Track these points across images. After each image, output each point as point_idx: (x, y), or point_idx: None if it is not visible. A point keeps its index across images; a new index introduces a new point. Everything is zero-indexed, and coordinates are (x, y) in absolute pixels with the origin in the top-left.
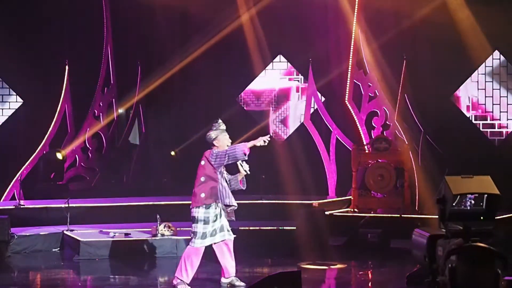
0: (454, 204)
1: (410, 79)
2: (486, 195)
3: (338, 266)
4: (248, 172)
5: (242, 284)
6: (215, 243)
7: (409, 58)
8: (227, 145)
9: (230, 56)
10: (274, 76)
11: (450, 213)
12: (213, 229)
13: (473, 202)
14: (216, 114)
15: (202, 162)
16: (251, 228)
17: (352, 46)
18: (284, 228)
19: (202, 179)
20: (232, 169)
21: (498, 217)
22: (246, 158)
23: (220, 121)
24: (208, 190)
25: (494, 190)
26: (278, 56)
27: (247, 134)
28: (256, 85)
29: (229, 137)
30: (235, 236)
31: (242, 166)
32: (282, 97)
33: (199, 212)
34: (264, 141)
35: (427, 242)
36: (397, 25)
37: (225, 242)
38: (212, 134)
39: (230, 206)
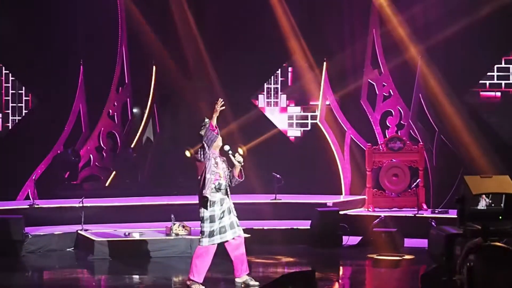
0: (473, 204)
1: (425, 78)
2: (504, 195)
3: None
4: (242, 163)
5: (256, 283)
6: (226, 241)
7: (424, 57)
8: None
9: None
10: None
11: (469, 213)
12: (221, 226)
13: (490, 201)
14: (231, 114)
15: (196, 163)
16: (265, 227)
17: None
18: (299, 228)
19: (199, 177)
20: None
21: None
22: (218, 135)
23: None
24: (207, 185)
25: None
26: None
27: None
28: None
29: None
30: (249, 235)
31: (234, 158)
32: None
33: (204, 212)
34: (220, 106)
35: (445, 241)
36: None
37: (236, 240)
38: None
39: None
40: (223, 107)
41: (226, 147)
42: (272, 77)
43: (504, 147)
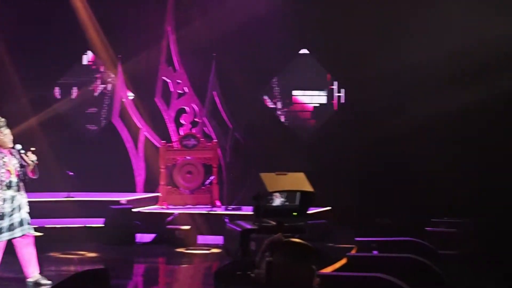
0: (269, 200)
1: (220, 77)
2: (299, 192)
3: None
4: (36, 161)
5: (48, 282)
6: (14, 238)
7: (219, 56)
8: (7, 140)
9: None
10: None
11: (264, 209)
12: (11, 223)
13: (285, 199)
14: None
15: None
16: (58, 226)
17: (161, 44)
18: (92, 225)
19: None
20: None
21: (310, 212)
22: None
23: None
24: None
25: (307, 187)
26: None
27: None
28: None
29: None
30: (41, 234)
31: (27, 156)
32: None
33: None
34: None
35: (240, 237)
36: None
37: (25, 238)
38: None
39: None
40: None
41: (18, 146)
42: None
43: (301, 146)
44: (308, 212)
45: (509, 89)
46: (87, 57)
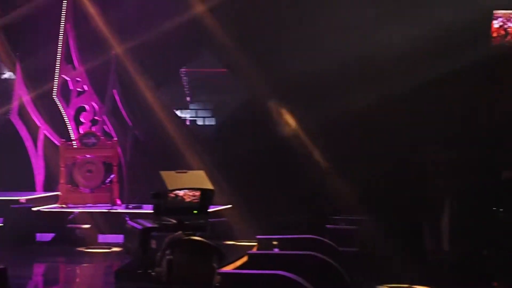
0: (169, 198)
1: (120, 75)
2: (199, 190)
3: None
4: None
5: None
6: None
7: (118, 54)
8: None
9: None
10: None
11: (165, 207)
12: None
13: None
14: None
15: None
16: None
17: (60, 41)
18: None
19: None
20: None
21: (210, 210)
22: None
23: None
24: None
25: (207, 185)
26: None
27: None
28: None
29: None
30: None
31: None
32: None
33: None
34: None
35: (140, 235)
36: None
37: None
38: None
39: None
40: None
41: None
42: None
43: (201, 144)
44: (208, 210)
45: (404, 90)
46: None
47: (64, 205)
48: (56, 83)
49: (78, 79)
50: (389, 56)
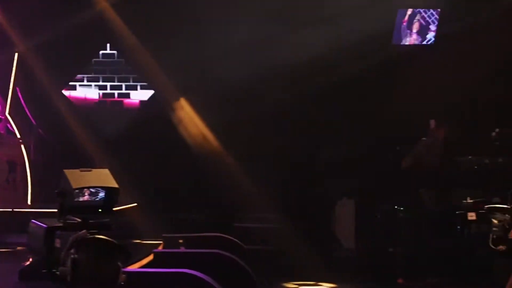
0: (74, 197)
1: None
2: (105, 188)
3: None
4: None
5: None
6: None
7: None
8: None
9: None
10: None
11: (69, 206)
12: None
13: (91, 195)
14: None
15: None
16: None
17: None
18: None
19: None
20: None
21: (116, 209)
22: None
23: None
24: None
25: (112, 183)
26: None
27: None
28: None
29: None
30: None
31: None
32: None
33: None
34: None
35: (44, 234)
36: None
37: None
38: None
39: None
40: None
41: None
42: None
43: (106, 142)
44: (113, 208)
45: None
46: None
47: None
48: None
49: None
50: (301, 61)
